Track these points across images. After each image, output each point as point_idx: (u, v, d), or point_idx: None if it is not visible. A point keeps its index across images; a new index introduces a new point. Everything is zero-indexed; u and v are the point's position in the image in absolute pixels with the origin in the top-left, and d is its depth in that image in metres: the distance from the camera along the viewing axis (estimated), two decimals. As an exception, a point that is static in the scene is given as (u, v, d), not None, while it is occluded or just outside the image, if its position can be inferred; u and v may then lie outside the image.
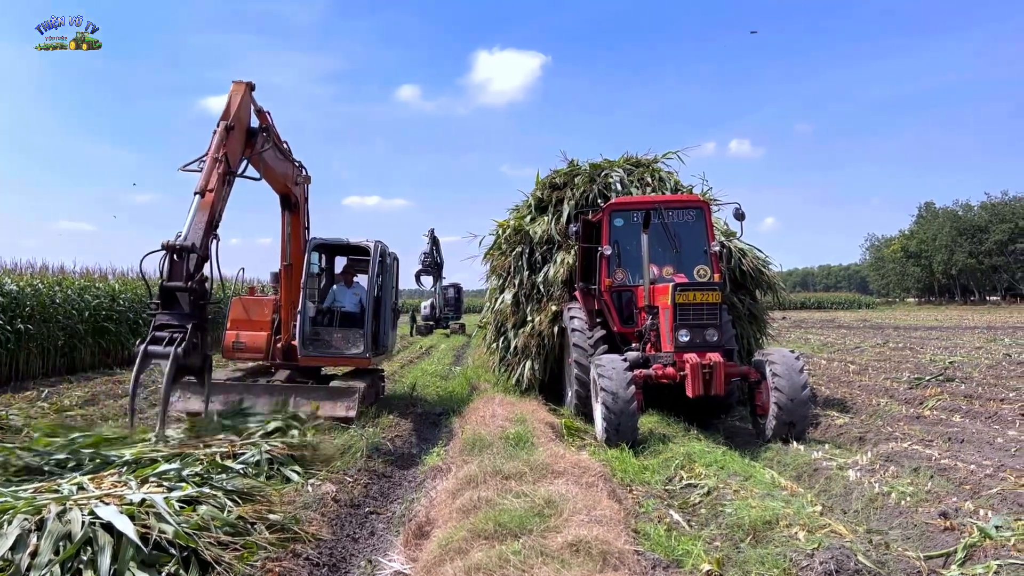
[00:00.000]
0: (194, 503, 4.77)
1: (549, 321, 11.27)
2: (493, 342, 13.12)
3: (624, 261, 10.07)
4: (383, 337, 10.77)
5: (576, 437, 8.59)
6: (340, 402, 9.53)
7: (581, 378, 9.67)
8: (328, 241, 10.71)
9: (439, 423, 10.37)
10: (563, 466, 5.95)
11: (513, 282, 12.14)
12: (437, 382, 15.01)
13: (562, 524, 4.52)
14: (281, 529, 4.87)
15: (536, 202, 12.52)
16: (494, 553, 3.98)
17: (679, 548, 4.89)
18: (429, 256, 33.95)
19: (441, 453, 7.99)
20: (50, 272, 17.53)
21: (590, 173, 12.22)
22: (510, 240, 12.45)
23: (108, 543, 4.05)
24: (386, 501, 6.56)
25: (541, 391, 11.46)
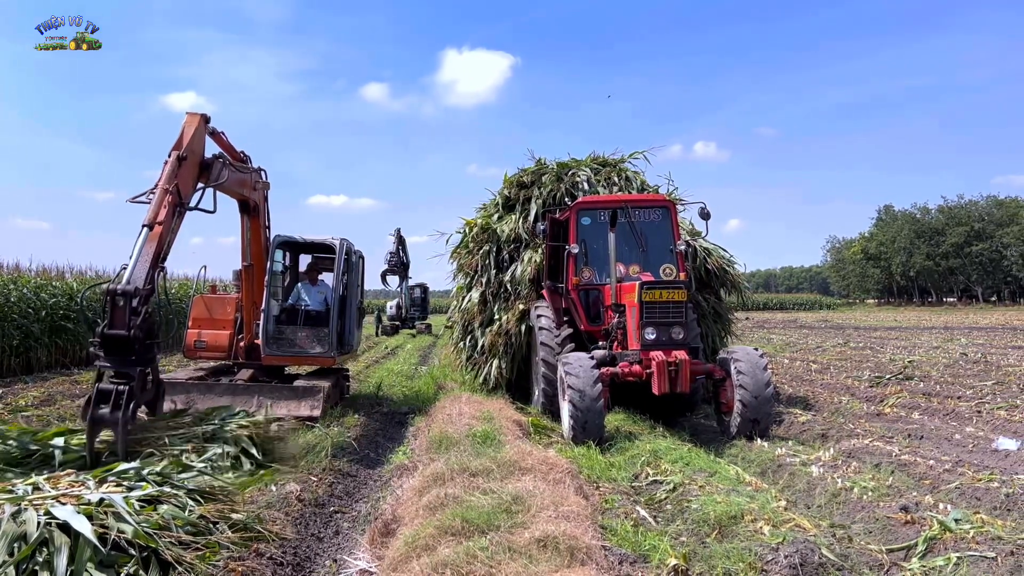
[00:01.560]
0: (155, 502, 4.68)
1: (516, 320, 11.25)
2: (460, 341, 13.08)
3: (591, 260, 10.11)
4: (348, 336, 10.69)
5: (543, 435, 8.59)
6: (304, 401, 9.44)
7: (548, 376, 9.67)
8: (292, 239, 10.58)
9: (405, 422, 10.31)
10: (530, 463, 5.93)
11: (480, 280, 12.11)
12: (403, 382, 14.93)
13: (530, 520, 4.50)
14: (244, 528, 4.78)
15: (504, 201, 12.51)
16: (461, 550, 3.95)
17: (646, 543, 4.90)
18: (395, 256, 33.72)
19: (407, 452, 7.95)
20: (4, 270, 17.14)
21: (557, 172, 12.24)
22: (477, 239, 12.42)
23: (65, 544, 3.95)
24: (351, 500, 6.50)
25: (508, 390, 11.44)
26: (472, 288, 12.37)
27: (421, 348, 26.14)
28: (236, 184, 8.99)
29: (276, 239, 10.29)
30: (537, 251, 11.35)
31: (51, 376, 15.03)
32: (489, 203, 13.14)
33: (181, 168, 7.25)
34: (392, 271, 33.72)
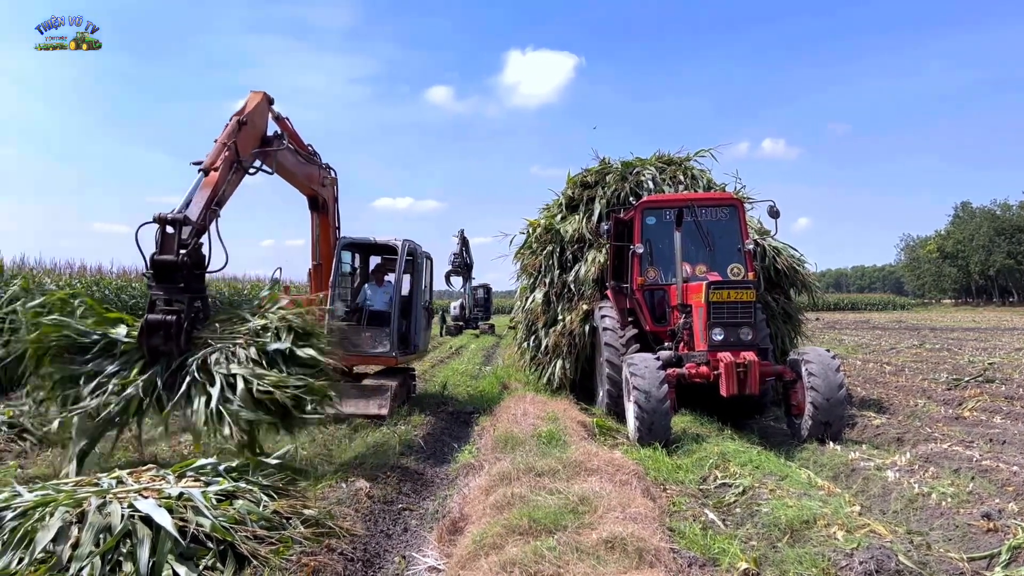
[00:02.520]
0: (230, 497, 4.80)
1: (580, 320, 11.23)
2: (524, 341, 13.10)
3: (656, 259, 10.01)
4: (414, 336, 10.78)
5: (608, 436, 8.55)
6: (373, 400, 9.60)
7: (613, 377, 9.62)
8: (357, 240, 10.79)
9: (470, 421, 10.38)
10: (596, 464, 5.92)
11: (544, 281, 12.11)
12: (467, 381, 15.03)
13: (597, 521, 4.49)
14: (315, 524, 4.88)
15: (567, 201, 12.48)
16: (529, 549, 3.96)
17: (715, 546, 4.84)
18: (459, 257, 34.03)
19: (473, 451, 7.99)
20: (88, 272, 17.81)
21: (622, 171, 12.16)
22: (541, 239, 12.42)
23: (147, 536, 4.10)
24: (419, 498, 6.57)
25: (572, 390, 11.42)
26: (535, 288, 12.38)
27: (484, 348, 26.26)
28: (302, 175, 9.33)
29: (342, 240, 10.52)
30: (601, 251, 11.30)
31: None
32: (552, 203, 13.13)
33: (241, 131, 7.62)
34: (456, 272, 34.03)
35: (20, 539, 4.08)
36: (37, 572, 3.83)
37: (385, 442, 8.11)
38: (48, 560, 3.95)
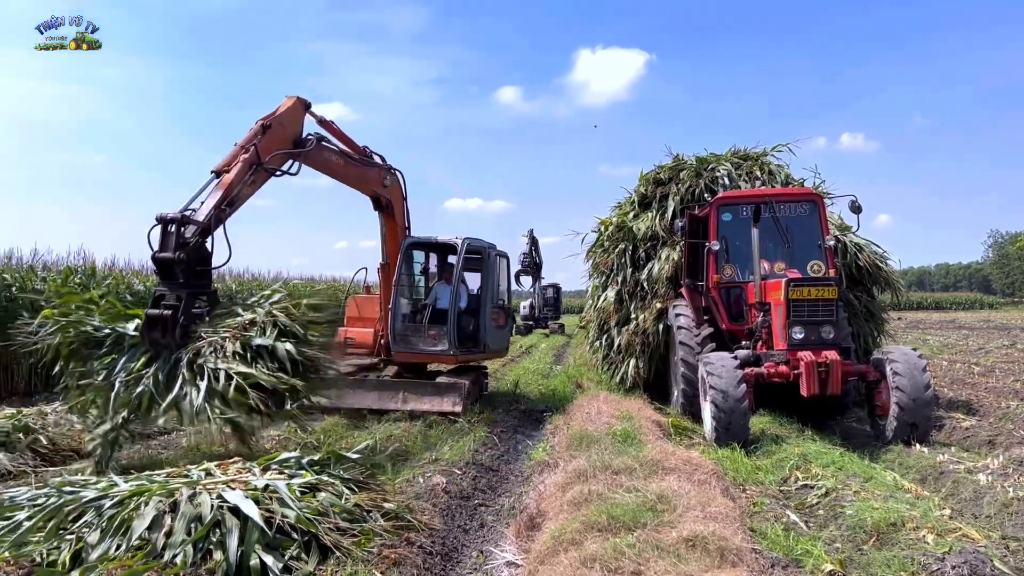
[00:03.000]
0: (313, 490, 4.91)
1: (654, 319, 11.11)
2: (596, 340, 13.04)
3: (733, 257, 9.84)
4: (482, 335, 10.81)
5: (684, 436, 8.44)
6: (447, 398, 9.71)
7: (688, 377, 9.49)
8: (420, 239, 10.97)
9: (542, 420, 10.38)
10: (674, 463, 5.85)
11: (616, 279, 12.03)
12: (539, 380, 15.05)
13: (676, 519, 4.44)
14: (395, 517, 4.95)
15: (640, 198, 12.36)
16: (608, 545, 3.95)
17: (798, 548, 4.73)
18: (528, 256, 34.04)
19: (547, 448, 8.00)
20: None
21: (696, 167, 11.98)
22: (613, 237, 12.34)
23: (235, 526, 4.22)
24: (494, 494, 6.61)
25: (646, 389, 11.31)
26: (608, 287, 12.30)
27: (555, 347, 26.25)
28: (354, 175, 9.66)
29: (406, 240, 10.73)
30: (675, 249, 11.16)
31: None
32: (624, 201, 13.02)
33: (265, 135, 7.97)
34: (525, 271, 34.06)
35: (118, 527, 4.27)
36: (134, 558, 3.99)
37: (460, 438, 8.19)
38: (144, 547, 4.12)
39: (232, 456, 5.95)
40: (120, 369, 6.68)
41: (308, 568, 4.14)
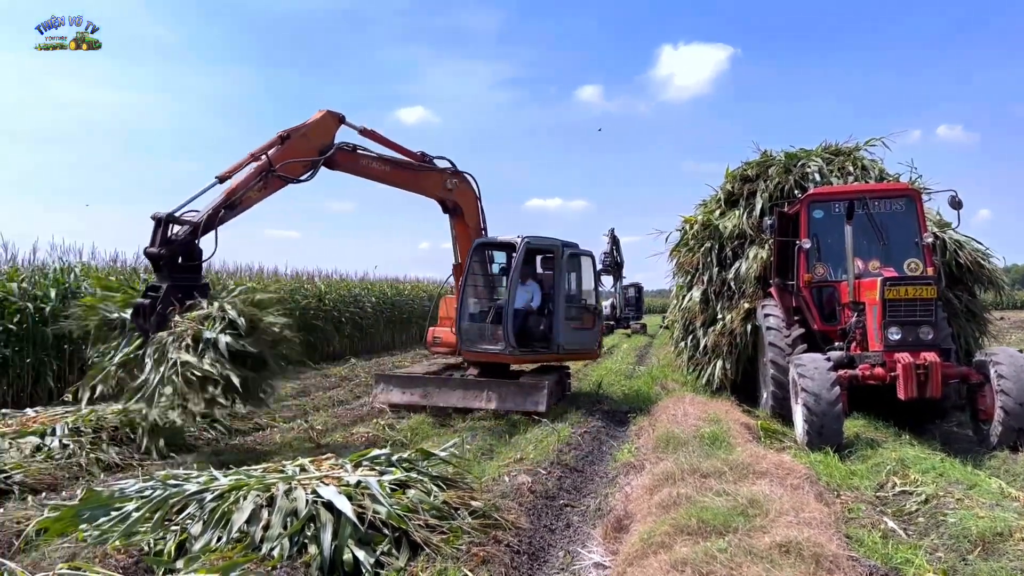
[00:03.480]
0: (403, 487, 4.99)
1: (741, 319, 10.88)
2: (681, 341, 12.86)
3: (824, 255, 9.55)
4: (554, 335, 10.80)
5: (774, 439, 8.22)
6: (530, 397, 9.76)
7: (778, 378, 9.26)
8: (486, 240, 11.12)
9: (626, 421, 10.29)
10: (764, 466, 5.72)
11: (702, 279, 11.83)
12: (622, 381, 14.93)
13: (768, 524, 4.34)
14: (482, 516, 4.99)
15: (726, 196, 12.11)
16: (699, 549, 3.88)
17: (897, 556, 4.56)
18: (609, 256, 33.80)
19: (632, 450, 7.92)
20: (264, 275, 19.08)
21: (785, 163, 11.67)
22: (698, 236, 12.14)
23: (329, 521, 4.34)
24: (579, 495, 6.59)
25: (733, 391, 11.10)
26: (693, 287, 12.11)
27: (637, 348, 25.99)
28: (404, 180, 10.14)
29: (476, 241, 10.90)
30: (763, 247, 10.90)
31: (304, 370, 16.54)
32: (710, 199, 12.79)
33: (283, 144, 8.61)
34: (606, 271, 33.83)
35: (218, 519, 4.44)
36: (234, 550, 4.14)
37: (544, 438, 8.20)
38: (243, 539, 4.27)
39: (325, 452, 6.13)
40: (118, 352, 7.40)
41: (399, 564, 4.22)
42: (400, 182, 10.17)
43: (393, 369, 15.32)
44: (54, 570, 3.33)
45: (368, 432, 8.61)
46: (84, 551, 4.24)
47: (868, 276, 8.56)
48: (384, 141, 9.91)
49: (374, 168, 9.75)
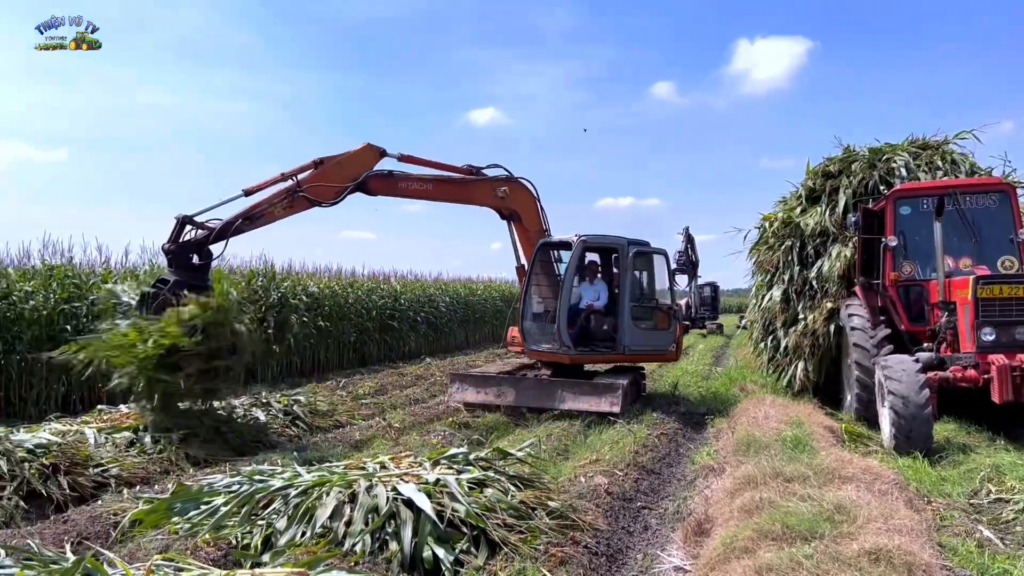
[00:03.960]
0: (480, 486, 5.02)
1: (824, 319, 10.57)
2: (760, 341, 12.59)
3: (912, 253, 9.21)
4: (620, 335, 10.68)
5: (859, 443, 7.97)
6: (604, 398, 9.68)
7: (863, 380, 8.96)
8: (550, 240, 11.08)
9: (703, 423, 10.13)
10: (851, 471, 5.55)
11: (782, 278, 11.54)
12: (698, 382, 14.72)
13: (856, 531, 4.20)
14: (560, 516, 4.98)
15: (807, 192, 11.79)
16: (784, 555, 3.79)
17: (995, 567, 4.36)
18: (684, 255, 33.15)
19: (711, 452, 7.79)
20: (342, 275, 19.49)
21: (869, 159, 11.28)
22: (778, 234, 11.85)
23: (409, 518, 4.39)
24: (657, 497, 6.51)
25: (815, 393, 10.79)
26: (773, 286, 11.83)
27: (713, 348, 25.57)
28: (452, 195, 10.44)
29: (539, 242, 10.91)
30: (847, 245, 10.57)
31: (381, 368, 16.85)
32: (790, 196, 12.48)
33: (316, 170, 9.10)
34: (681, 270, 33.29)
35: (302, 515, 4.54)
36: (318, 545, 4.23)
37: (619, 440, 8.12)
38: (326, 535, 4.36)
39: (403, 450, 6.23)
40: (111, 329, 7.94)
41: (478, 562, 4.24)
42: (446, 197, 10.44)
43: (467, 368, 15.46)
44: (150, 561, 3.46)
45: (444, 430, 8.70)
46: (176, 543, 4.41)
47: (959, 275, 8.23)
48: (424, 162, 10.18)
49: (415, 188, 10.03)
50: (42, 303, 10.19)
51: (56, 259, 11.41)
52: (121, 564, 3.39)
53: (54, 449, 6.22)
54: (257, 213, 8.78)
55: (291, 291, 15.40)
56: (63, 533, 4.84)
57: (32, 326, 9.94)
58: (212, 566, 3.78)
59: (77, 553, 3.99)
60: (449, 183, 10.36)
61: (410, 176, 9.98)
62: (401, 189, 9.92)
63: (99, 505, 5.51)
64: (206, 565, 3.75)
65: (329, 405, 10.48)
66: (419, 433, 8.62)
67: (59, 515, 5.36)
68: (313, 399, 10.42)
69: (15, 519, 5.28)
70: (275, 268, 16.04)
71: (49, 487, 5.75)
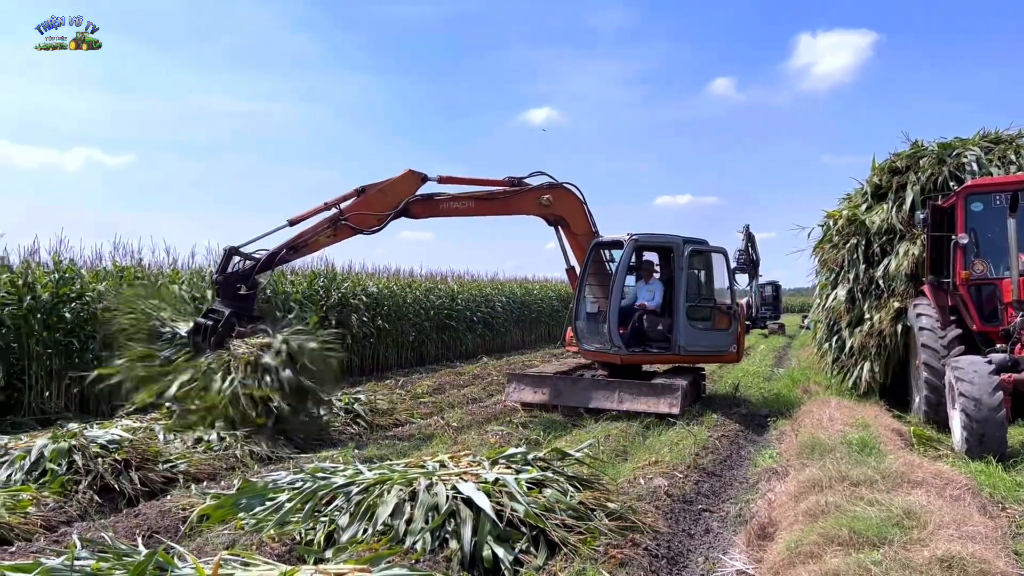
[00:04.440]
0: (539, 486, 5.02)
1: (891, 319, 10.28)
2: (824, 342, 12.30)
3: (984, 251, 8.89)
4: (675, 335, 10.56)
5: (928, 447, 7.73)
6: (663, 398, 9.59)
7: (932, 382, 8.68)
8: (604, 240, 11.03)
9: (765, 424, 9.96)
10: (920, 476, 5.38)
11: (847, 277, 11.26)
12: (760, 383, 14.47)
13: (927, 537, 4.07)
14: (619, 518, 4.95)
15: (873, 189, 11.47)
16: (851, 561, 3.69)
17: (1075, 578, 4.18)
18: (744, 253, 32.79)
19: (774, 455, 7.65)
20: (401, 276, 19.71)
21: (938, 154, 10.92)
22: (843, 231, 11.56)
23: (469, 517, 4.42)
24: (718, 500, 6.42)
25: (882, 395, 10.50)
26: (838, 285, 11.55)
27: (775, 349, 25.09)
28: (496, 208, 10.56)
29: (592, 242, 10.90)
30: (915, 243, 10.26)
31: (439, 368, 17.00)
32: (855, 192, 12.17)
33: (359, 198, 9.34)
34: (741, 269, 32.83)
35: (364, 512, 4.61)
36: (379, 542, 4.29)
37: (679, 441, 8.04)
38: (387, 532, 4.42)
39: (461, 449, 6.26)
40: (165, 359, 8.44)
41: (537, 562, 4.25)
42: (490, 211, 10.59)
43: (524, 368, 15.48)
44: (217, 556, 3.54)
45: (502, 430, 8.73)
46: (242, 538, 4.52)
47: (1034, 273, 7.90)
48: (465, 180, 10.34)
49: (456, 207, 10.19)
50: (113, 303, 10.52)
51: (126, 260, 11.78)
52: (191, 558, 3.49)
53: (126, 445, 6.42)
54: (301, 243, 9.08)
55: (351, 291, 15.64)
56: (135, 527, 5.00)
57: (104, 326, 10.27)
58: (277, 561, 3.85)
59: (148, 547, 4.11)
60: (490, 199, 10.47)
61: (451, 196, 10.15)
62: (443, 210, 10.11)
63: (168, 500, 5.68)
64: (271, 560, 3.83)
65: (389, 403, 10.61)
66: (477, 432, 8.66)
67: (131, 509, 5.55)
68: (373, 397, 10.57)
69: (90, 513, 5.47)
70: (336, 269, 16.33)
71: (121, 482, 5.94)
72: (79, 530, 4.95)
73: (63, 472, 5.80)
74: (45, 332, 9.52)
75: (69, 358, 9.75)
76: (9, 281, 9.50)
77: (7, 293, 9.34)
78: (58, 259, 10.53)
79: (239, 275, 8.84)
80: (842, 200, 12.44)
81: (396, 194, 9.58)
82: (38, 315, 9.43)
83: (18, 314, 9.28)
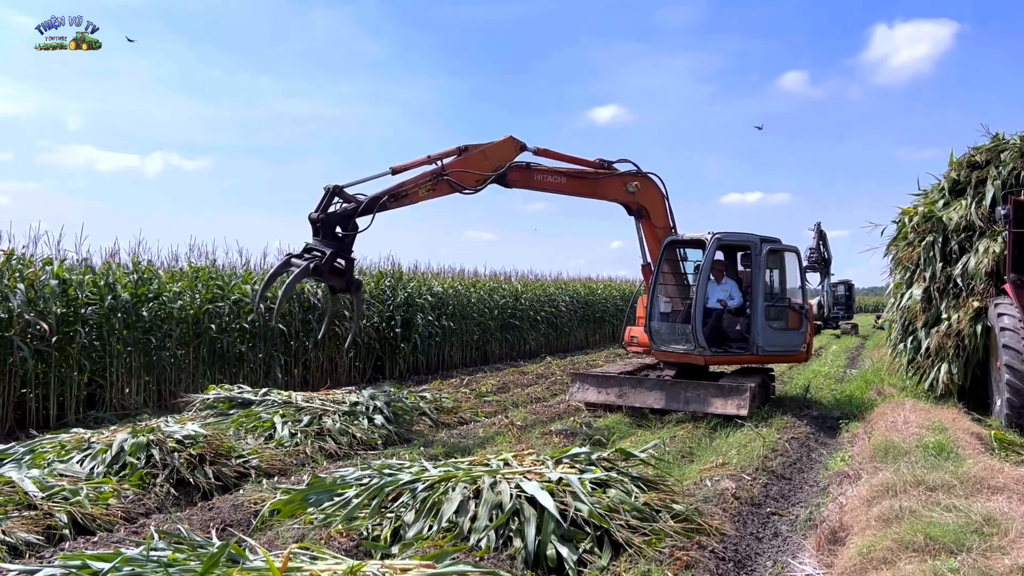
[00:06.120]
0: (603, 486, 5.00)
1: (970, 319, 9.90)
2: (899, 342, 11.91)
3: (1071, 248, 8.50)
4: (752, 335, 10.37)
5: (1011, 451, 7.42)
6: (731, 400, 9.43)
7: (1015, 384, 8.35)
8: (678, 238, 10.87)
9: (836, 427, 9.70)
10: (1001, 481, 5.18)
11: (923, 275, 10.88)
12: (831, 384, 14.10)
13: (1008, 545, 3.92)
14: (684, 519, 4.91)
15: (950, 184, 11.06)
16: (927, 568, 3.58)
17: None
18: (815, 252, 31.98)
19: (845, 458, 7.45)
20: (465, 275, 19.86)
21: (1020, 147, 10.44)
22: (918, 228, 11.17)
23: (532, 516, 4.43)
24: (787, 503, 6.29)
25: (960, 398, 10.13)
26: (913, 284, 11.17)
27: (848, 349, 24.43)
28: (584, 189, 10.46)
29: (666, 239, 10.73)
30: (996, 240, 9.85)
31: (503, 367, 17.06)
32: (931, 188, 11.74)
33: (460, 156, 9.25)
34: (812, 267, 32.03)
35: (429, 508, 4.67)
36: (445, 539, 4.33)
37: (748, 443, 7.90)
38: (452, 529, 4.46)
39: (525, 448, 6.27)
40: None
41: (601, 563, 4.23)
42: (578, 191, 10.46)
43: (587, 368, 15.42)
44: (287, 549, 3.63)
45: (565, 429, 8.71)
46: (311, 532, 4.62)
47: None
48: (559, 156, 10.22)
49: (549, 182, 10.10)
50: (189, 303, 10.88)
51: (201, 261, 12.16)
52: (263, 551, 3.58)
53: (200, 440, 6.62)
54: (403, 192, 8.90)
55: (417, 291, 15.83)
56: (209, 520, 5.16)
57: (180, 324, 10.63)
58: (344, 556, 3.93)
59: (222, 539, 4.24)
60: (581, 177, 10.38)
61: (546, 169, 10.07)
62: (537, 182, 10.03)
63: (241, 494, 5.84)
64: (339, 555, 3.91)
65: (453, 402, 10.70)
66: (541, 431, 8.66)
67: (205, 502, 5.73)
68: (438, 396, 10.68)
69: (166, 505, 5.67)
70: (402, 269, 16.55)
71: (196, 476, 6.13)
72: (156, 522, 5.14)
73: (142, 466, 6.01)
74: (125, 330, 9.89)
75: (147, 355, 10.11)
76: (92, 282, 9.89)
77: (90, 293, 9.73)
78: (137, 260, 10.94)
79: (340, 215, 8.62)
80: (917, 196, 12.02)
81: (496, 157, 9.57)
82: (119, 314, 9.80)
83: (100, 313, 9.66)
